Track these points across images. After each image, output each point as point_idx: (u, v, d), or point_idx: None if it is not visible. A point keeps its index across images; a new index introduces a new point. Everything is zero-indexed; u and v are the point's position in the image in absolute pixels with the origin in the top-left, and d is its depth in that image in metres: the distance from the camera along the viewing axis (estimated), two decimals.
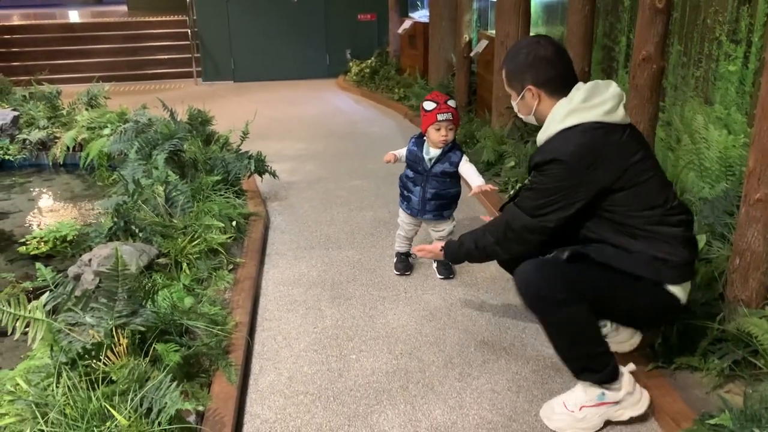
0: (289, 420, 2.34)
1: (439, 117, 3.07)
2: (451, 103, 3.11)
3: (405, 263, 3.46)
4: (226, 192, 4.11)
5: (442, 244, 2.62)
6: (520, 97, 2.24)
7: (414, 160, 3.23)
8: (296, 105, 8.16)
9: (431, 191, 3.19)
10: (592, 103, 2.09)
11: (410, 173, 3.27)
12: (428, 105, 3.11)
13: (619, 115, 2.10)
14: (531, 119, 2.29)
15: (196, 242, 3.28)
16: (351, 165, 5.49)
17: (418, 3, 9.52)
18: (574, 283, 2.10)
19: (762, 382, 2.25)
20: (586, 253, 2.16)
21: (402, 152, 3.33)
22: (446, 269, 3.38)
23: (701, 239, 2.90)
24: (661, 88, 3.20)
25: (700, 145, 3.24)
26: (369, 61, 9.15)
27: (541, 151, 2.15)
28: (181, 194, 3.70)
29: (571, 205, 2.10)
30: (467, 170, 3.14)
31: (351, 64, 9.37)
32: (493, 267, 3.46)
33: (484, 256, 2.44)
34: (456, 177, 3.21)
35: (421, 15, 8.21)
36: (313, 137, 6.51)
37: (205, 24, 9.65)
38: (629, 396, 2.20)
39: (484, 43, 5.88)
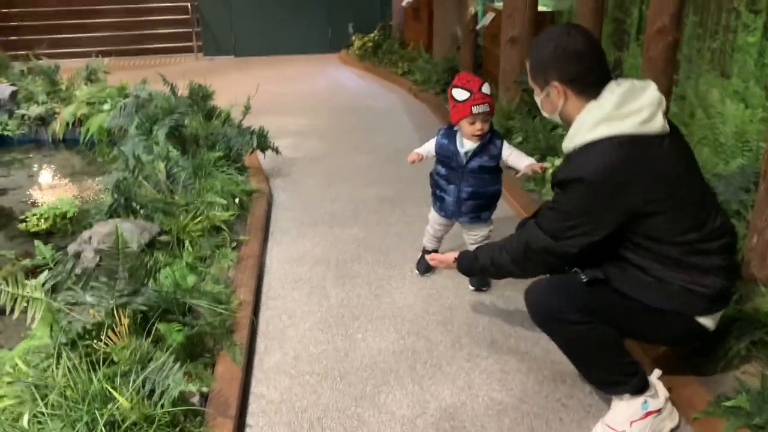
0: (295, 400, 2.29)
1: (474, 110, 2.63)
2: (486, 89, 2.67)
3: (427, 263, 2.87)
4: (228, 168, 4.03)
5: (456, 254, 2.37)
6: (545, 93, 1.98)
7: (446, 155, 2.80)
8: (298, 80, 8.04)
9: (468, 190, 2.79)
10: (627, 110, 1.82)
11: (442, 170, 2.85)
12: (460, 94, 2.66)
13: (657, 125, 1.82)
14: (556, 118, 2.03)
15: (198, 219, 3.22)
16: (355, 141, 5.41)
17: None
18: (590, 307, 1.93)
19: None
20: (606, 280, 1.95)
21: (429, 147, 2.90)
22: (479, 280, 2.96)
23: None
24: (675, 61, 3.11)
25: (716, 119, 3.16)
26: (372, 35, 8.99)
27: (566, 167, 1.90)
28: (183, 170, 3.63)
29: (596, 231, 1.87)
30: (514, 157, 2.78)
31: (353, 38, 9.22)
32: None
33: (499, 274, 2.25)
34: (497, 172, 2.82)
35: None
36: (315, 112, 6.41)
37: None
38: (668, 403, 2.07)
39: (490, 15, 5.75)
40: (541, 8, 5.18)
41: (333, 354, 2.54)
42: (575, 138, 1.89)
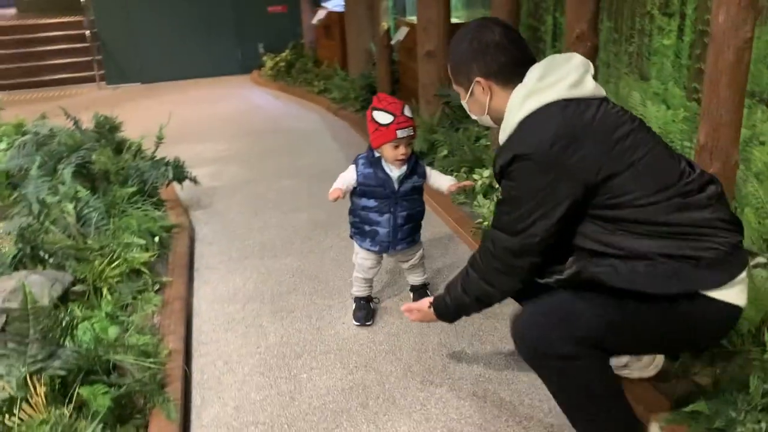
0: None
1: (400, 134, 2.51)
2: (408, 111, 2.56)
3: (367, 310, 2.83)
4: (143, 204, 3.77)
5: (430, 300, 2.12)
6: (469, 93, 1.84)
7: (375, 184, 2.62)
8: (211, 104, 7.78)
9: (403, 215, 2.66)
10: (551, 79, 1.70)
11: (371, 202, 2.65)
12: (383, 117, 2.52)
13: (588, 88, 1.70)
14: (487, 120, 1.88)
15: (115, 264, 2.96)
16: (278, 164, 5.23)
17: None
18: (585, 329, 1.66)
19: (729, 362, 2.20)
20: (593, 278, 1.67)
21: (348, 180, 2.65)
22: None
23: None
24: (595, 66, 3.14)
25: None
26: (284, 54, 8.84)
27: (502, 151, 1.73)
28: (94, 211, 3.35)
29: (555, 209, 1.64)
30: (435, 177, 2.72)
31: (265, 58, 9.03)
32: (440, 262, 3.32)
33: (476, 302, 1.92)
34: (422, 190, 2.73)
35: (335, 4, 7.97)
36: (233, 137, 6.19)
37: (105, 24, 9.06)
38: None
39: (404, 30, 5.73)
40: (454, 20, 5.20)
41: (277, 399, 2.37)
42: (507, 124, 1.75)
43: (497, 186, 1.90)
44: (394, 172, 2.61)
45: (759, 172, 2.64)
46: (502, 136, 1.78)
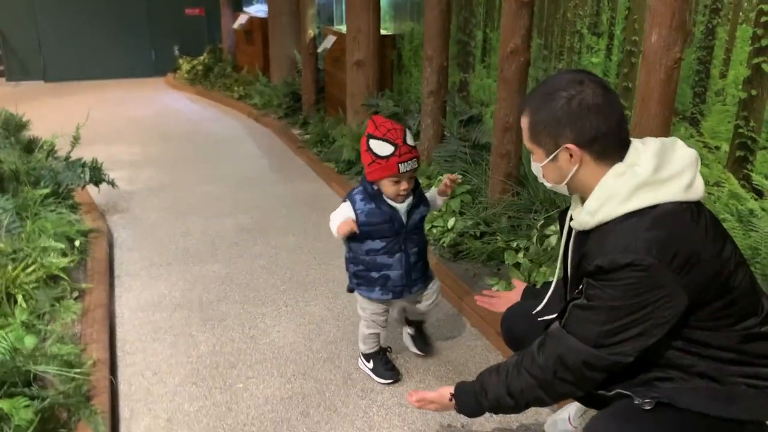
0: None
1: (402, 168, 2.11)
2: (410, 139, 2.16)
3: (390, 364, 2.46)
4: (58, 207, 3.54)
5: (450, 390, 1.76)
6: (551, 158, 1.52)
7: (383, 221, 2.21)
8: (124, 105, 7.44)
9: (414, 251, 2.29)
10: (668, 173, 1.43)
11: (377, 243, 2.24)
12: (381, 148, 2.12)
13: (699, 191, 1.46)
14: (560, 188, 1.58)
15: (31, 269, 2.75)
16: (198, 169, 5.05)
17: None
18: None
19: None
20: (672, 402, 1.48)
21: (349, 214, 2.23)
22: (425, 343, 2.57)
23: None
24: (527, 81, 3.24)
25: None
26: (201, 58, 8.59)
27: (605, 250, 1.43)
28: (4, 212, 3.12)
29: (657, 328, 1.42)
30: (431, 195, 2.39)
31: (181, 61, 8.75)
32: None
33: (522, 406, 1.63)
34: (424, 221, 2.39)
35: (257, 10, 7.85)
36: (149, 140, 5.94)
37: (6, 18, 8.50)
38: None
39: (331, 39, 5.71)
40: (382, 32, 5.23)
41: (213, 410, 2.27)
42: (602, 211, 1.46)
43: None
44: (401, 204, 2.23)
45: None
46: (589, 220, 1.49)
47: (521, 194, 3.39)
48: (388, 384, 2.40)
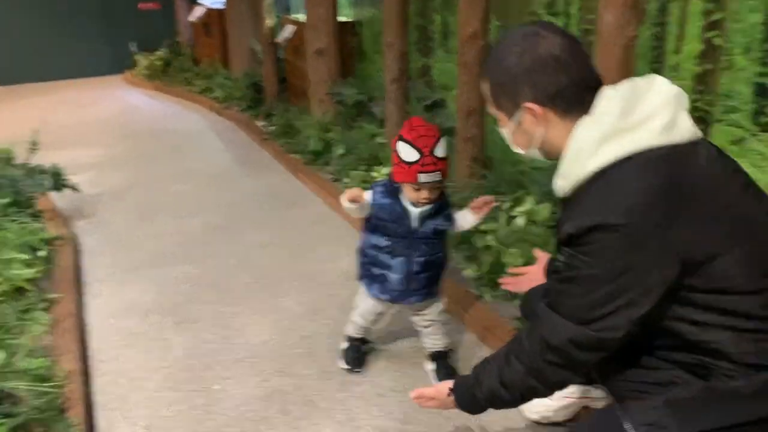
0: None
1: (422, 178, 2.03)
2: (440, 150, 2.04)
3: (359, 354, 2.47)
4: (19, 216, 3.47)
5: (449, 384, 1.67)
6: (515, 122, 1.42)
7: (392, 219, 2.16)
8: (82, 106, 7.28)
9: (420, 260, 2.20)
10: (638, 116, 1.28)
11: (382, 240, 2.19)
12: (407, 153, 2.03)
13: (684, 129, 1.29)
14: (534, 153, 1.46)
15: None
16: (163, 168, 4.98)
17: None
18: None
19: None
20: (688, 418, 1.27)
21: (368, 199, 2.17)
22: (449, 375, 2.34)
23: (545, 208, 3.01)
24: None
25: None
26: (159, 53, 8.44)
27: (574, 214, 1.30)
28: None
29: (645, 295, 1.25)
30: (461, 216, 2.28)
31: (138, 57, 8.58)
32: (345, 262, 3.30)
33: (518, 398, 1.50)
34: (445, 235, 2.28)
35: (213, 1, 7.71)
36: (110, 141, 5.83)
37: None
38: None
39: (291, 28, 5.65)
40: (340, 18, 5.19)
41: (191, 414, 2.26)
42: (572, 171, 1.33)
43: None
44: (415, 208, 2.16)
45: None
46: (563, 184, 1.37)
47: (488, 177, 3.41)
48: (346, 370, 2.43)
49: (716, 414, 1.26)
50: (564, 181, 1.37)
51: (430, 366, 2.41)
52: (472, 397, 1.58)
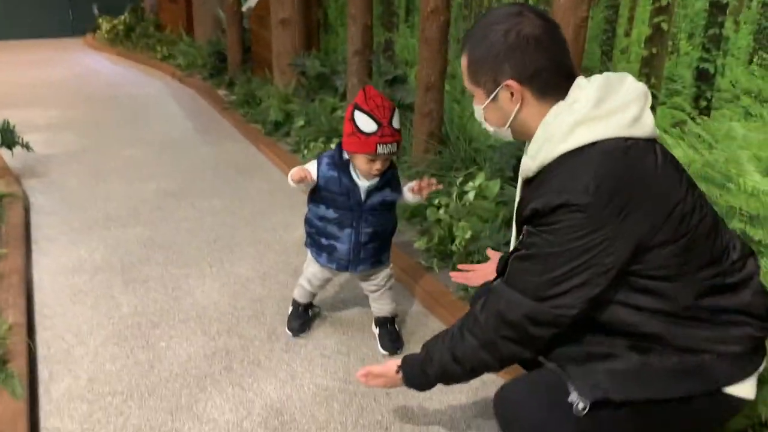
0: (99, 427, 2.00)
1: (380, 149, 2.04)
2: (396, 121, 2.08)
3: (304, 320, 2.50)
4: None
5: (397, 362, 1.67)
6: (491, 98, 1.44)
7: (340, 193, 2.17)
8: (40, 67, 7.10)
9: (368, 231, 2.22)
10: (609, 106, 1.34)
11: (330, 212, 2.21)
12: (365, 123, 2.04)
13: (648, 127, 1.36)
14: (504, 132, 1.50)
15: None
16: (120, 132, 4.92)
17: None
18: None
19: None
20: (609, 396, 1.35)
21: (312, 171, 2.18)
22: (393, 341, 2.40)
23: (495, 184, 3.07)
24: (448, 41, 3.29)
25: None
26: (122, 17, 8.26)
27: (539, 193, 1.35)
28: None
29: (601, 276, 1.31)
30: (406, 189, 2.29)
31: (100, 20, 8.39)
32: (299, 230, 3.33)
33: (468, 372, 1.53)
34: (393, 206, 2.30)
35: None
36: (67, 103, 5.72)
37: None
38: None
39: None
40: None
41: (135, 368, 2.27)
42: (542, 152, 1.37)
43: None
44: (363, 180, 2.17)
45: None
46: (531, 165, 1.41)
47: (443, 153, 3.47)
48: (291, 335, 2.47)
49: (649, 387, 1.35)
50: (532, 162, 1.40)
51: (376, 330, 2.46)
52: (421, 373, 1.60)
